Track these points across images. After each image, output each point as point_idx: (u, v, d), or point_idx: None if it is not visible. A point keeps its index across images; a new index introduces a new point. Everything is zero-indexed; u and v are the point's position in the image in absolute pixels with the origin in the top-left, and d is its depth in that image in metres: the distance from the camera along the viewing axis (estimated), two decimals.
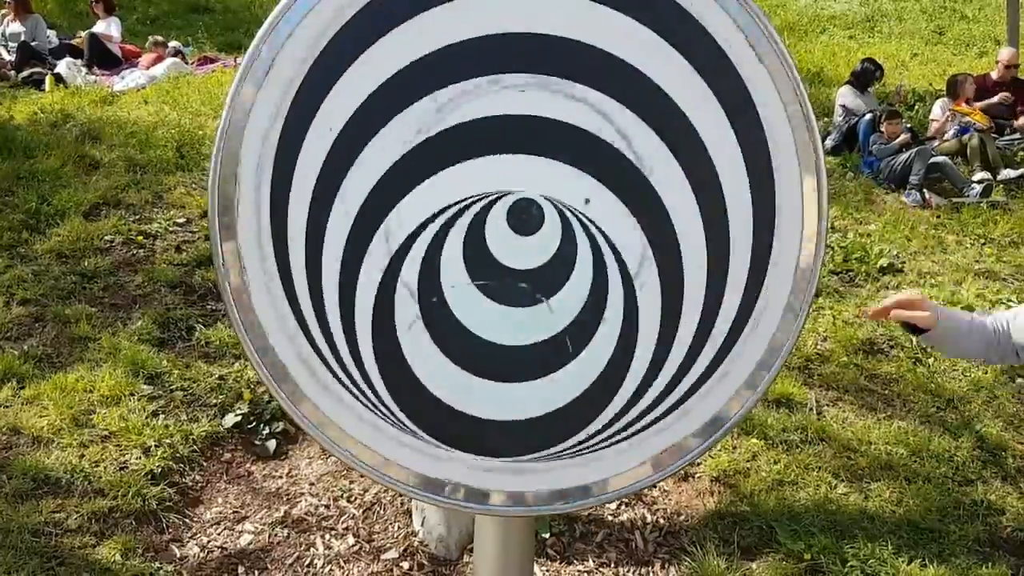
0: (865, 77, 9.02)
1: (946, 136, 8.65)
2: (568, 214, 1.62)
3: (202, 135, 7.65)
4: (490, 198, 1.62)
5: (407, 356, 1.67)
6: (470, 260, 1.64)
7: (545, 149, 1.59)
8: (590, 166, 1.60)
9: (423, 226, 1.62)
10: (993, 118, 8.90)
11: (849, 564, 3.52)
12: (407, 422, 1.70)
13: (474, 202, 1.62)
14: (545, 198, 1.62)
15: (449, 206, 1.61)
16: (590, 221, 1.62)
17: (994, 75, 9.31)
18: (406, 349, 1.67)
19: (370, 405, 1.70)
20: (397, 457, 1.72)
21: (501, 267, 1.65)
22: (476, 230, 1.63)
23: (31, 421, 4.14)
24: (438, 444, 1.71)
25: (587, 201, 1.62)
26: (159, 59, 10.31)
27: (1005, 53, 9.46)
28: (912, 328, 2.28)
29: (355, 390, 1.69)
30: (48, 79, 9.64)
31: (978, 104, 8.92)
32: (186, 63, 10.58)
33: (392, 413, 1.70)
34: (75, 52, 10.68)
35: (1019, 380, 4.97)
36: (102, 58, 10.53)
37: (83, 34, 11.10)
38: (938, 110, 8.99)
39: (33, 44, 10.49)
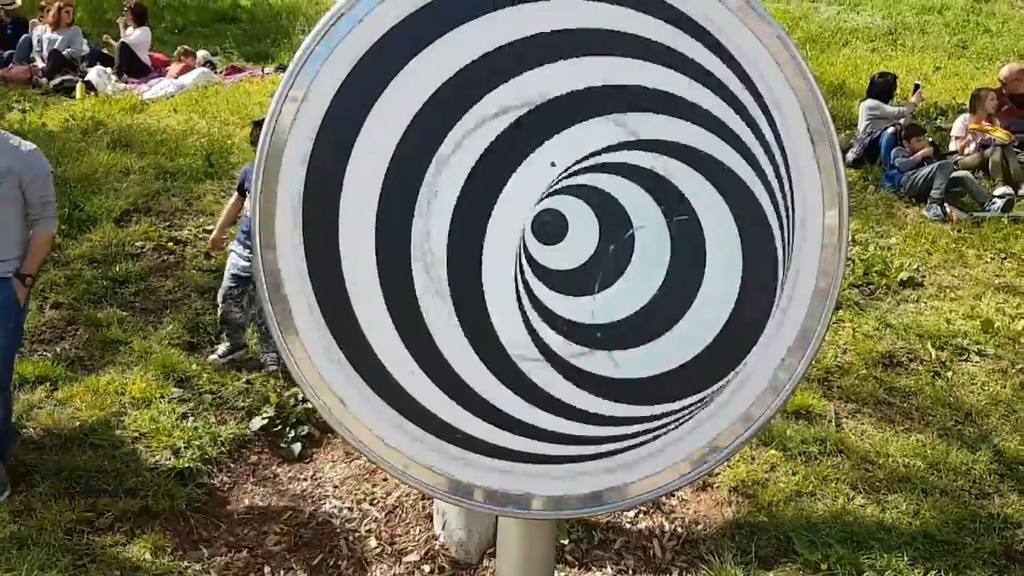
0: (884, 90, 9.02)
1: (967, 151, 8.65)
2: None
3: (231, 144, 7.77)
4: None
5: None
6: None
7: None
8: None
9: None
10: (1015, 132, 8.88)
11: (865, 575, 3.56)
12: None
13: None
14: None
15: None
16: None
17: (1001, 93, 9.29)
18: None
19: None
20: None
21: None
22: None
23: (64, 422, 4.26)
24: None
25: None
26: (187, 68, 10.46)
27: (1004, 71, 9.45)
28: None
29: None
30: (79, 86, 9.83)
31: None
32: (215, 73, 10.74)
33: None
34: (105, 60, 10.87)
35: None
36: (132, 66, 10.71)
37: (107, 39, 11.28)
38: (960, 125, 8.98)
39: (65, 52, 10.68)
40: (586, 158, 1.64)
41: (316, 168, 1.65)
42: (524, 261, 1.67)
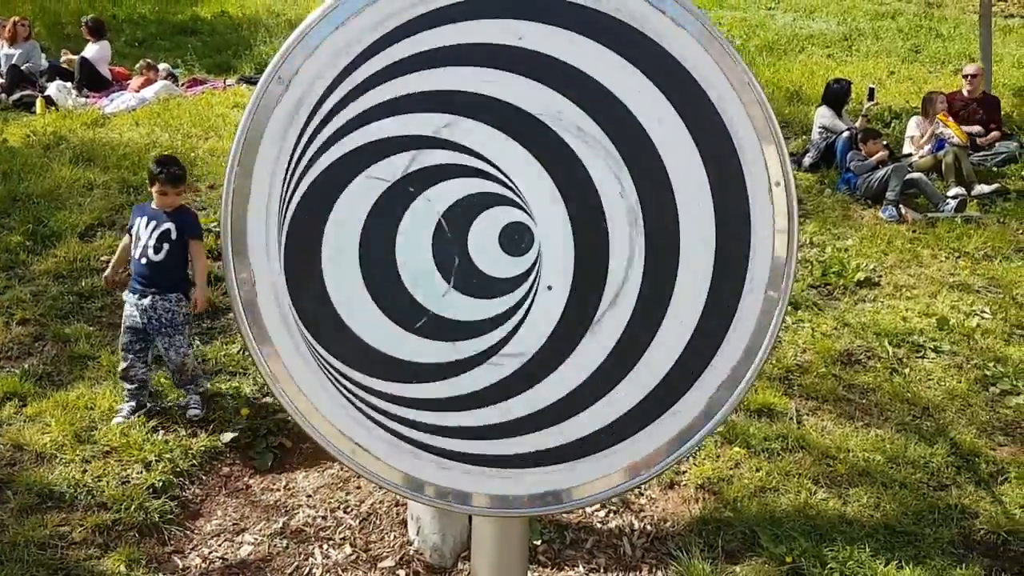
0: (839, 97, 9.22)
1: (922, 152, 8.87)
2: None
3: (194, 156, 7.77)
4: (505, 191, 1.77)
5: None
6: (454, 209, 1.78)
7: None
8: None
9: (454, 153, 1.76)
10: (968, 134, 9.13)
11: (829, 567, 3.66)
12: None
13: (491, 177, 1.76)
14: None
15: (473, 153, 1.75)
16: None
17: (964, 92, 9.56)
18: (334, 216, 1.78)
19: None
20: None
21: (464, 242, 1.79)
22: (476, 202, 1.77)
23: (34, 438, 4.25)
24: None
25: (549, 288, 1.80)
26: (149, 81, 10.41)
27: (970, 67, 9.72)
28: None
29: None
30: (39, 102, 9.75)
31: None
32: (177, 85, 10.70)
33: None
34: (64, 75, 10.79)
35: (992, 389, 5.14)
36: (92, 81, 10.64)
37: (68, 55, 11.21)
38: (914, 127, 9.21)
39: (23, 67, 10.58)
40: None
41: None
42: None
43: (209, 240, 6.12)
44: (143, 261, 4.43)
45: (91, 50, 10.82)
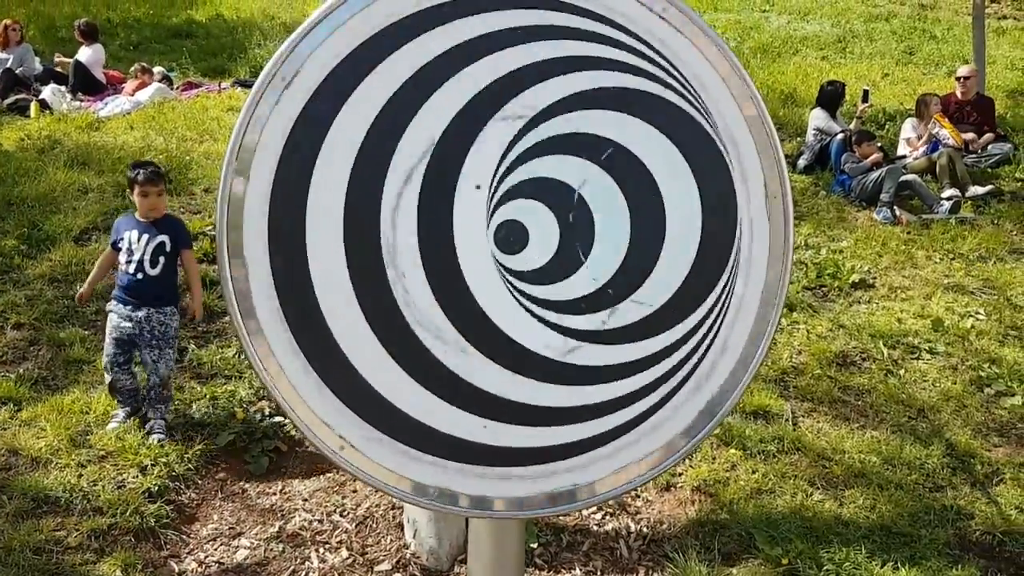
0: (833, 99, 9.25)
1: (916, 153, 8.89)
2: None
3: (189, 160, 7.77)
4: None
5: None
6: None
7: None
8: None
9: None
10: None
11: (825, 568, 3.66)
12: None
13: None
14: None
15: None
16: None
17: (958, 94, 9.59)
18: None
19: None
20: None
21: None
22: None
23: (29, 442, 4.24)
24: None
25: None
26: (143, 85, 10.40)
27: (963, 69, 9.75)
28: None
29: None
30: (33, 106, 9.73)
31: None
32: (171, 89, 10.69)
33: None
34: (59, 78, 10.77)
35: (987, 390, 5.15)
36: (86, 84, 10.62)
37: (61, 57, 11.21)
38: (908, 129, 9.24)
39: (17, 71, 10.57)
40: (499, 165, 1.72)
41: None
42: (510, 280, 1.75)
43: (204, 244, 6.13)
44: (139, 276, 4.35)
45: (85, 53, 10.81)
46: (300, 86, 1.67)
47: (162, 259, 4.39)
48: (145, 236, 4.40)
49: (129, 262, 4.37)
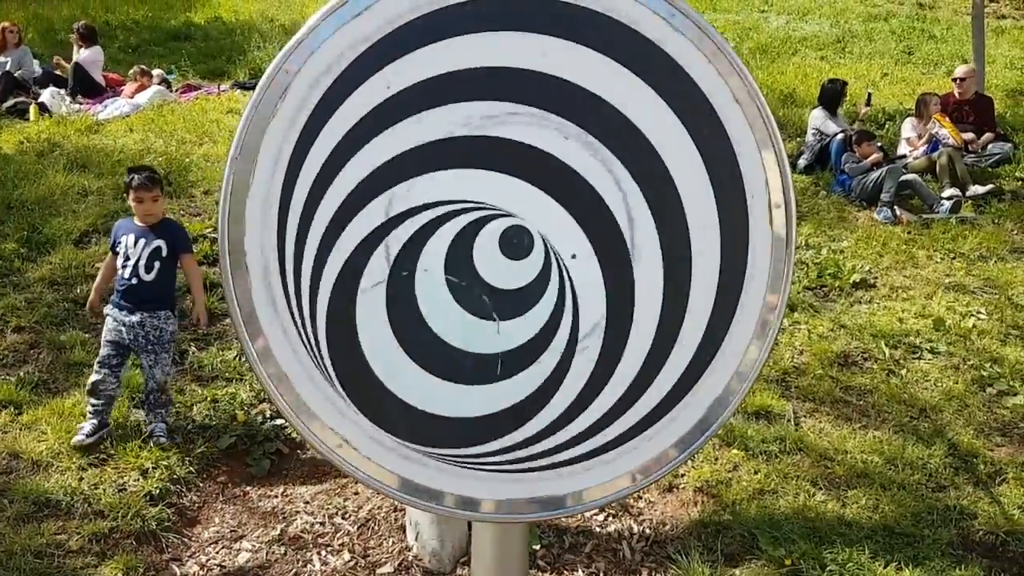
0: (833, 98, 9.24)
1: (916, 152, 8.89)
2: (553, 259, 1.78)
3: (188, 162, 7.75)
4: (495, 212, 1.75)
5: (357, 319, 1.80)
6: (451, 255, 1.78)
7: (554, 188, 1.76)
8: (588, 223, 1.77)
9: (427, 207, 1.75)
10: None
11: (828, 569, 3.65)
12: (337, 384, 1.82)
13: (481, 208, 1.75)
14: (542, 236, 1.76)
15: (456, 201, 1.75)
16: (569, 277, 1.78)
17: (956, 94, 9.58)
18: (359, 313, 1.80)
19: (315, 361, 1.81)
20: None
21: (475, 273, 1.79)
22: (469, 232, 1.77)
23: (30, 446, 4.23)
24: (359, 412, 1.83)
25: (573, 256, 1.77)
26: (142, 87, 10.40)
27: (959, 69, 9.74)
28: None
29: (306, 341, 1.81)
30: (32, 108, 9.72)
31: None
32: (170, 91, 10.68)
33: (330, 377, 1.82)
34: (58, 81, 10.77)
35: (989, 389, 5.15)
36: (86, 87, 10.62)
37: (58, 60, 11.20)
38: (908, 128, 9.23)
39: (16, 74, 10.56)
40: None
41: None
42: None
43: (204, 246, 6.12)
44: (133, 281, 4.33)
45: (83, 55, 10.80)
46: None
47: (157, 264, 4.35)
48: (142, 241, 4.37)
49: (125, 266, 4.35)
